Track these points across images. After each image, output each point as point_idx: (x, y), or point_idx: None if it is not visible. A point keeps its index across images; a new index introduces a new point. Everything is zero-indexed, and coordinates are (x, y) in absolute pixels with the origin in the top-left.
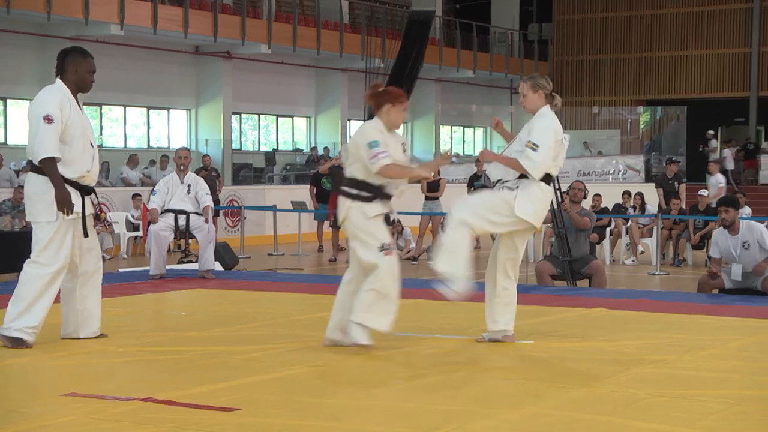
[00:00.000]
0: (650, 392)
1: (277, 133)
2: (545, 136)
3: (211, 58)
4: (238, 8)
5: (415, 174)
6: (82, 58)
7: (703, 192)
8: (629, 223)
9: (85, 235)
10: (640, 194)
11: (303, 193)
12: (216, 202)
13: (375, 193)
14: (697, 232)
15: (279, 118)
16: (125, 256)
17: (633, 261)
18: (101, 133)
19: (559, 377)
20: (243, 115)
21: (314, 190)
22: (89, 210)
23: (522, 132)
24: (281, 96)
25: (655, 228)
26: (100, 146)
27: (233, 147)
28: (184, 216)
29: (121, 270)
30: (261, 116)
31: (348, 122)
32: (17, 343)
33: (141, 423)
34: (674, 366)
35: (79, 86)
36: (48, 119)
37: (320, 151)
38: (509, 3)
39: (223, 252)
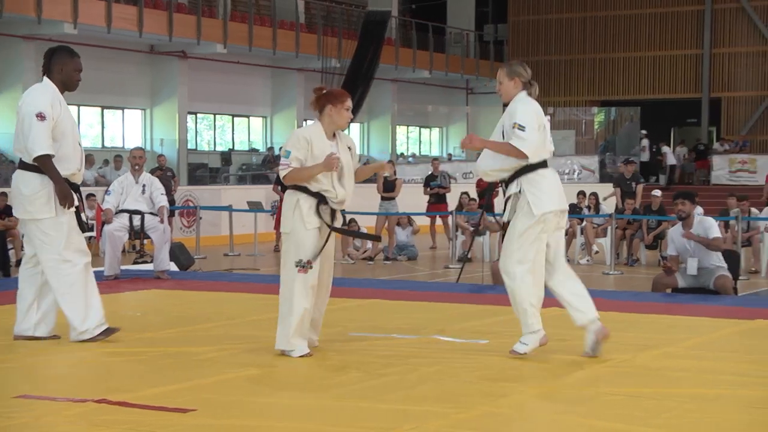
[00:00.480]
0: (605, 390)
1: (233, 133)
2: (529, 117)
3: (167, 57)
4: (194, 8)
5: (316, 171)
6: (69, 57)
7: (656, 192)
8: (584, 223)
9: (83, 230)
10: (594, 194)
11: (259, 193)
12: (171, 202)
13: (315, 197)
14: (650, 232)
15: (235, 118)
16: None
17: (587, 261)
18: None
19: (515, 376)
20: (199, 115)
21: (278, 189)
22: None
23: (502, 120)
24: (237, 96)
25: (609, 228)
26: None
27: (189, 147)
28: (139, 216)
29: None
30: (217, 116)
31: (304, 122)
32: (109, 332)
33: (95, 425)
34: (629, 365)
35: (66, 85)
36: (41, 116)
37: (276, 151)
38: (465, 4)
39: (178, 252)
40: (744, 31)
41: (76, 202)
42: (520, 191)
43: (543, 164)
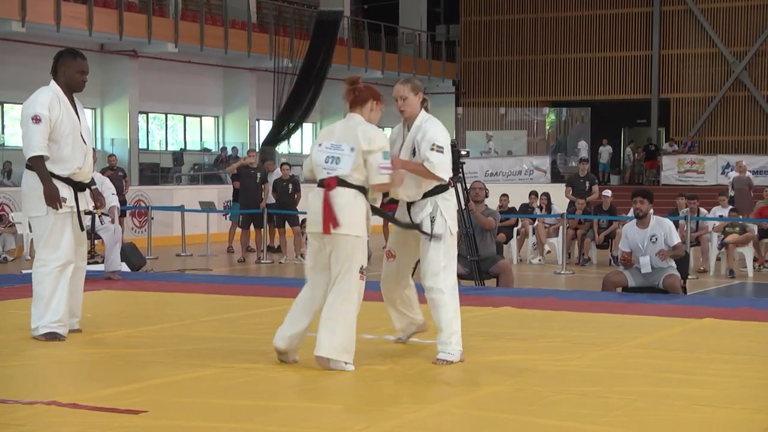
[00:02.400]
0: (554, 389)
1: (184, 133)
2: (446, 140)
3: (117, 56)
4: (144, 6)
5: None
6: (72, 59)
7: (607, 192)
8: (536, 222)
9: (81, 228)
10: (546, 194)
11: (211, 193)
12: (122, 202)
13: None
14: (601, 232)
15: (187, 118)
16: (29, 257)
17: (539, 260)
18: (3, 132)
19: (466, 376)
20: (150, 115)
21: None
22: (83, 207)
23: (412, 139)
24: (189, 95)
25: (560, 228)
26: (2, 146)
27: (140, 147)
28: (90, 216)
29: (24, 271)
30: (168, 116)
31: (257, 122)
32: (51, 337)
33: (45, 427)
34: (578, 363)
35: (70, 86)
36: (35, 119)
37: (229, 151)
38: (417, 4)
39: (129, 253)
40: (692, 32)
41: (70, 203)
42: (433, 210)
43: (449, 185)
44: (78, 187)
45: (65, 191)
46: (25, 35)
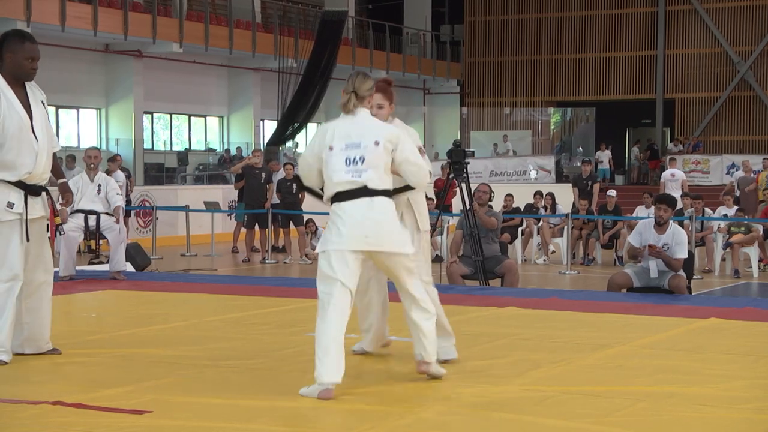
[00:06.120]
0: (559, 390)
1: (189, 133)
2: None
3: (122, 56)
4: (149, 6)
5: None
6: (20, 43)
7: (612, 192)
8: (540, 223)
9: (27, 239)
10: (551, 194)
11: (216, 193)
12: (127, 202)
13: None
14: (606, 232)
15: (191, 118)
16: None
17: (544, 260)
18: None
19: (470, 376)
20: (155, 115)
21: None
22: (39, 213)
23: None
24: (193, 95)
25: (565, 228)
26: None
27: (145, 147)
28: (94, 216)
29: None
30: (173, 116)
31: (261, 122)
32: None
33: (50, 427)
34: (583, 363)
35: (17, 75)
36: None
37: (233, 152)
38: (421, 4)
39: (134, 253)
40: (696, 32)
41: (17, 210)
42: None
43: (337, 197)
44: (32, 191)
45: (13, 195)
46: None
